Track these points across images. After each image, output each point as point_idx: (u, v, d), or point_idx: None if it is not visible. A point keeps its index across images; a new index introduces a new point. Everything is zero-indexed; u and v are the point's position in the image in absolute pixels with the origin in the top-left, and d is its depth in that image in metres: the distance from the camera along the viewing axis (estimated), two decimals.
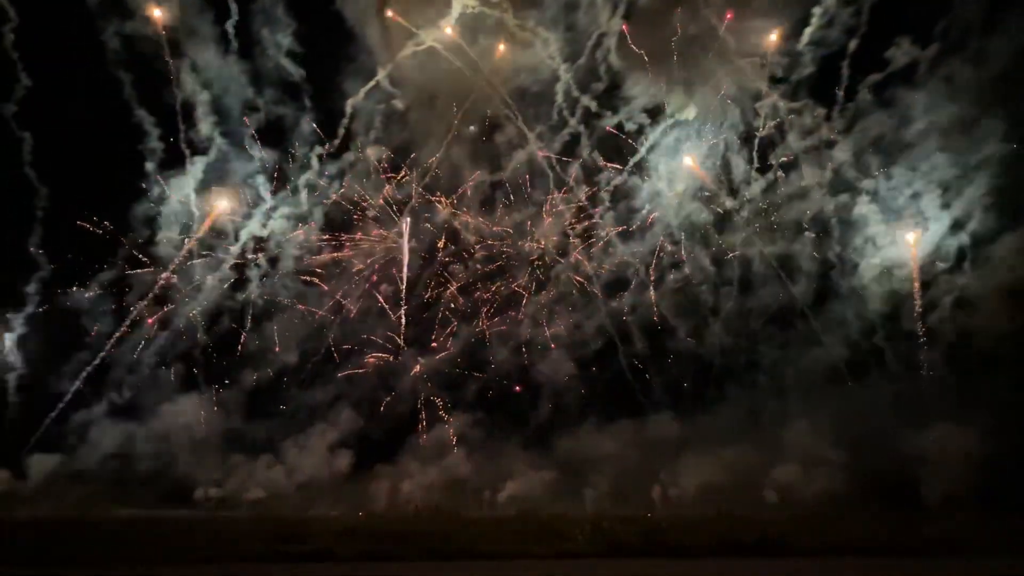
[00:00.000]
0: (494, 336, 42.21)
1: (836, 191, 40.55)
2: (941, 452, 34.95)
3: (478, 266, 42.50)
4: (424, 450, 39.47)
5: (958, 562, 23.86)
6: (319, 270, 41.71)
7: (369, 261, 41.95)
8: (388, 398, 40.76)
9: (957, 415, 35.66)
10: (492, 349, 41.99)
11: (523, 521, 29.47)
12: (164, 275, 39.84)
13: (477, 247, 42.41)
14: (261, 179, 41.01)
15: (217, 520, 31.46)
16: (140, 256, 40.00)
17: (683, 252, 41.94)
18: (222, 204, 40.58)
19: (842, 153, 39.85)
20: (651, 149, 41.36)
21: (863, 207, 39.91)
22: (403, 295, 41.73)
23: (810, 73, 39.10)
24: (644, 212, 42.10)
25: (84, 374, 38.88)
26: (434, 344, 41.73)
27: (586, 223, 42.57)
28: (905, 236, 39.52)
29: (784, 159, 40.85)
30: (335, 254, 42.00)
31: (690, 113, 40.66)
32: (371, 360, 41.13)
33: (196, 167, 39.79)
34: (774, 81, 39.84)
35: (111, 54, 38.05)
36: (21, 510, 32.90)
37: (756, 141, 40.93)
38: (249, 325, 40.77)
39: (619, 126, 41.08)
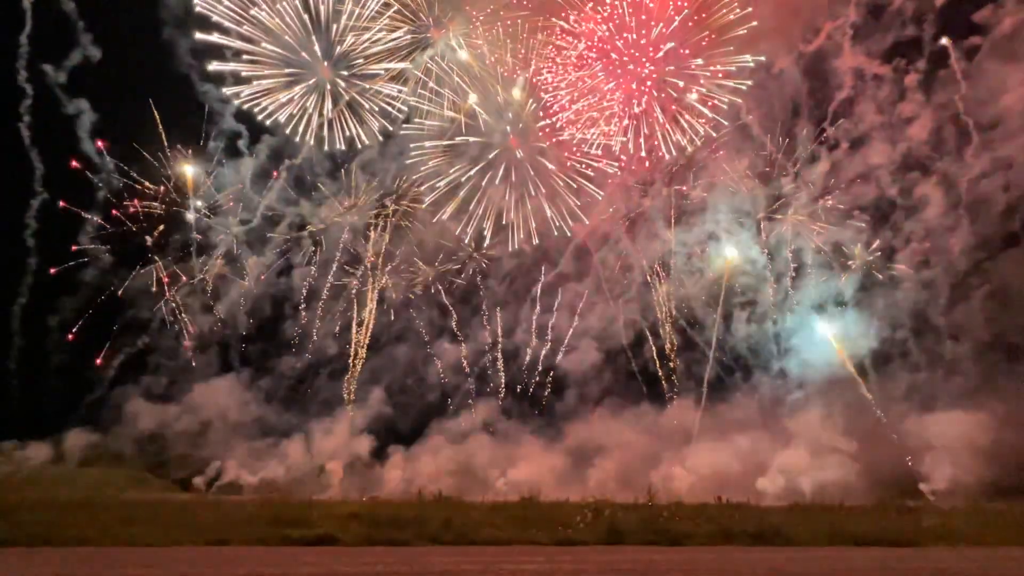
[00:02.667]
0: (529, 323, 42.25)
1: None
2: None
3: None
4: (444, 436, 39.72)
5: (958, 552, 23.92)
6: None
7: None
8: (419, 384, 41.22)
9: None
10: (527, 336, 42.08)
11: (525, 508, 29.65)
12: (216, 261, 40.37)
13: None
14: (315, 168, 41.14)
15: (222, 504, 31.74)
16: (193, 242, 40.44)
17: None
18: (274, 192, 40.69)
19: None
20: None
21: None
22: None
23: None
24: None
25: (122, 356, 39.59)
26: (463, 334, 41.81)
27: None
28: None
29: None
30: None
31: None
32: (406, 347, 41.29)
33: (258, 154, 40.22)
34: None
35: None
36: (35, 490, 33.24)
37: None
38: (294, 310, 41.22)
39: None
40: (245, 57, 38.59)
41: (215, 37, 38.16)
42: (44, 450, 38.69)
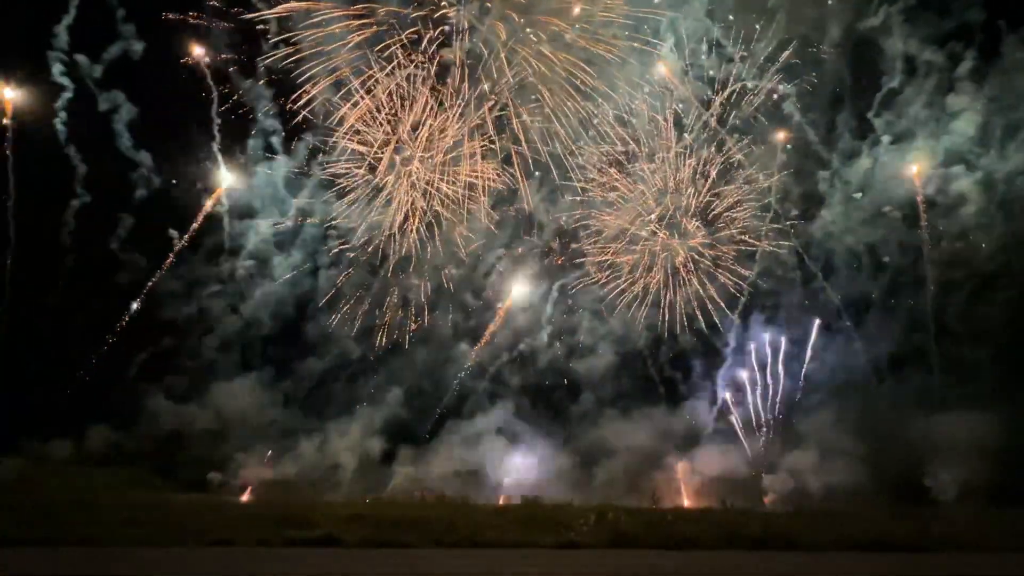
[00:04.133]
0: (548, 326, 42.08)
1: None
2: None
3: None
4: (456, 437, 39.65)
5: (966, 559, 23.70)
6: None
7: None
8: (435, 385, 41.15)
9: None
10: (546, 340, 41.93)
11: (529, 510, 29.56)
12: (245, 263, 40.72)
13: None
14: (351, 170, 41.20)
15: (226, 504, 31.77)
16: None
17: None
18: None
19: None
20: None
21: None
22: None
23: None
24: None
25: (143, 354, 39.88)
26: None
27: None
28: None
29: None
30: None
31: None
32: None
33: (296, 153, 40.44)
34: None
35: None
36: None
37: None
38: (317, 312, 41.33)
39: None
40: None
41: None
42: (65, 447, 38.86)
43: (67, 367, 39.90)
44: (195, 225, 41.02)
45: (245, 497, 36.52)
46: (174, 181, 40.81)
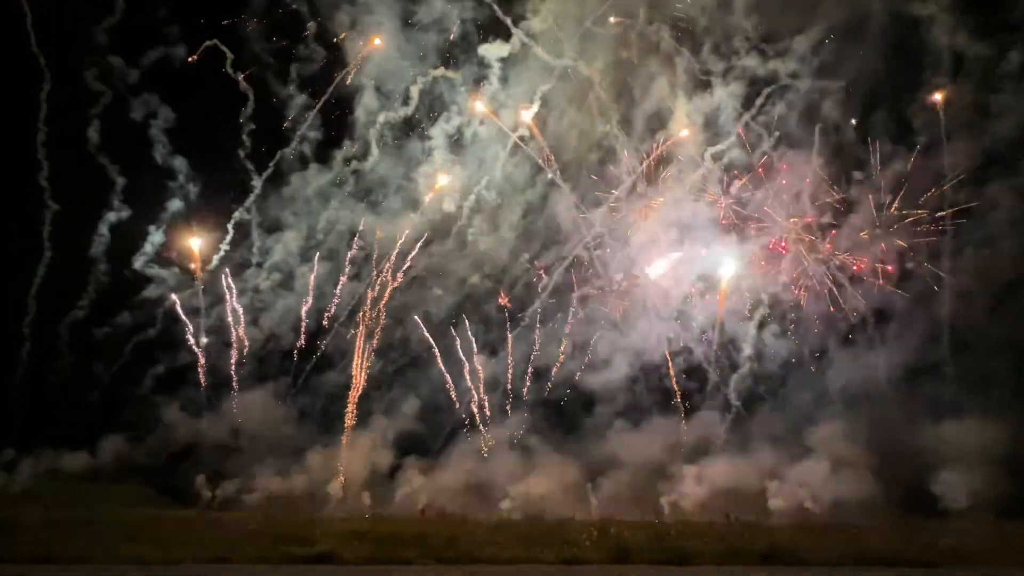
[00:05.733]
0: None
1: None
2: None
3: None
4: (463, 452, 39.37)
5: (976, 573, 23.28)
6: None
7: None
8: (442, 401, 40.88)
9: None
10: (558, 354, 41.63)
11: (530, 526, 29.22)
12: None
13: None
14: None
15: (223, 521, 31.50)
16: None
17: None
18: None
19: None
20: None
21: None
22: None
23: None
24: None
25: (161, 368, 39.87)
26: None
27: None
28: None
29: None
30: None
31: None
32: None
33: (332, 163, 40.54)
34: None
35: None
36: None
37: None
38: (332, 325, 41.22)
39: None
40: None
41: None
42: (81, 459, 38.82)
43: (87, 378, 39.83)
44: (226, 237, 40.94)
45: (247, 512, 36.22)
46: (204, 192, 40.74)
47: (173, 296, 40.76)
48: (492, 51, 39.76)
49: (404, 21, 41.09)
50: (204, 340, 40.93)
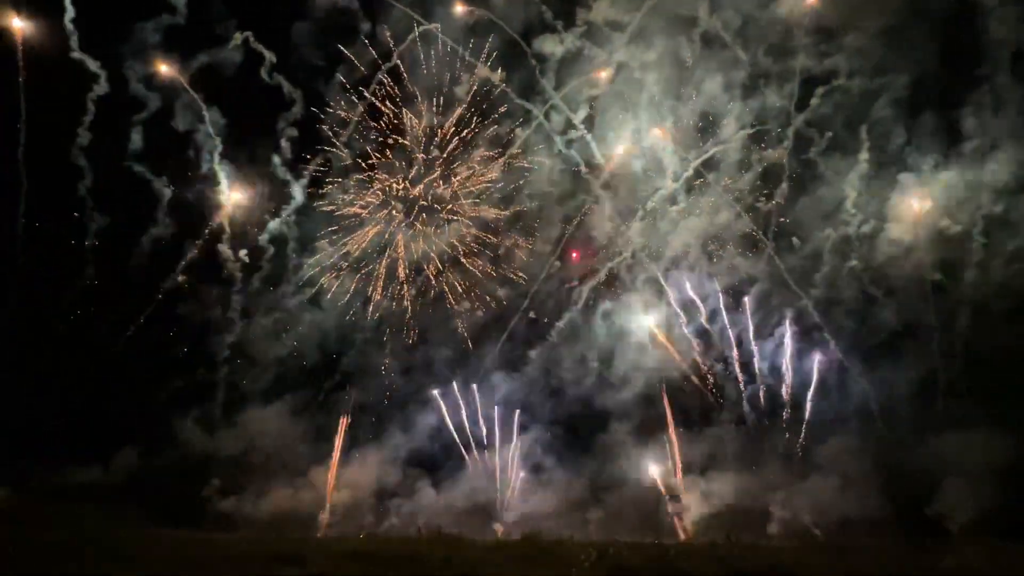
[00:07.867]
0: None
1: None
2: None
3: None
4: (468, 470, 39.04)
5: None
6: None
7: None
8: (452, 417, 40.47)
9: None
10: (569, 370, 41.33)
11: (527, 546, 28.87)
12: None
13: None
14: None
15: (218, 540, 31.09)
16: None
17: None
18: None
19: None
20: None
21: None
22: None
23: None
24: None
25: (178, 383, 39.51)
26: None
27: None
28: None
29: None
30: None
31: None
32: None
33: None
34: None
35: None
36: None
37: None
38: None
39: None
40: None
41: None
42: (95, 473, 38.36)
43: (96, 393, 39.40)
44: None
45: (243, 532, 35.77)
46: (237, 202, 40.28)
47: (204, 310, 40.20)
48: (547, 46, 39.37)
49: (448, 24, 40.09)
50: (226, 354, 40.54)
